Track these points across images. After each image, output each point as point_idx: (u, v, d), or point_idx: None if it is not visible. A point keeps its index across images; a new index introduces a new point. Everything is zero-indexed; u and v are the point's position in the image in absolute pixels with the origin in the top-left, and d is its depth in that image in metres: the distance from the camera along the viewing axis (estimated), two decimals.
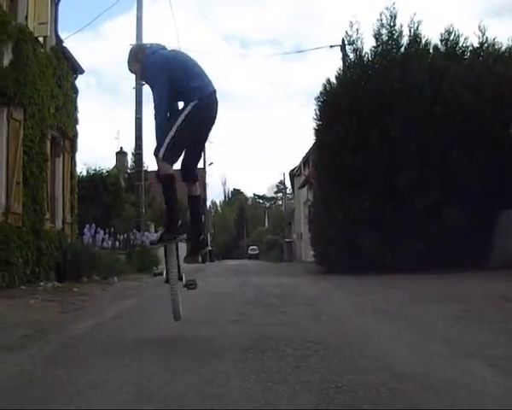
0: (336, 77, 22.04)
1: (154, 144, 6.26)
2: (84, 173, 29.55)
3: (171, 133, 6.12)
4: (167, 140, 6.12)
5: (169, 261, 6.34)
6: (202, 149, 7.27)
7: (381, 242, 18.86)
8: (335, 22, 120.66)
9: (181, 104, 6.33)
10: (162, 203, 39.30)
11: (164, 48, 6.53)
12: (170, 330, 6.82)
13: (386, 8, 21.52)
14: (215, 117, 6.42)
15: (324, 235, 21.23)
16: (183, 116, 6.17)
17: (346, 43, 23.24)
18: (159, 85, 6.24)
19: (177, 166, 6.36)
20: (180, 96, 6.28)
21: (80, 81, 22.43)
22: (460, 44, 20.93)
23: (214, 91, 6.39)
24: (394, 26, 21.36)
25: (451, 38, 20.92)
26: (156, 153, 6.20)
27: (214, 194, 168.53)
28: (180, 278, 6.35)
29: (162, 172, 6.21)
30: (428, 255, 17.52)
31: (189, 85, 6.22)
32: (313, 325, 7.12)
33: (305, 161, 45.54)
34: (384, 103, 19.77)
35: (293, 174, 57.05)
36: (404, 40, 21.30)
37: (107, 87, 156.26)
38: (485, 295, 10.62)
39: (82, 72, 21.46)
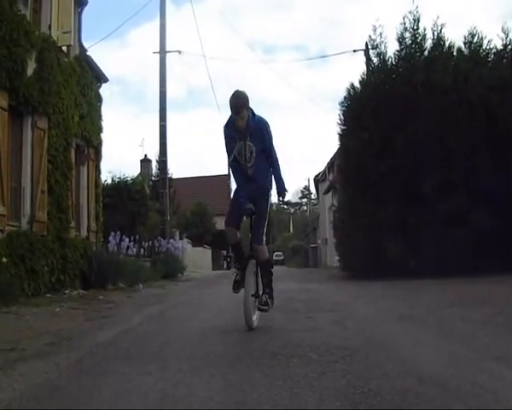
0: (360, 81, 22.02)
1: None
2: (109, 181, 29.69)
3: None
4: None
5: (247, 280, 7.32)
6: None
7: (406, 246, 18.76)
8: (359, 27, 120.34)
9: None
10: (187, 211, 39.52)
11: None
12: (196, 337, 6.83)
13: (410, 12, 21.47)
14: None
15: (349, 240, 21.19)
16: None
17: (369, 47, 23.23)
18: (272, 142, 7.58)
19: None
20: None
21: (104, 89, 22.48)
22: (484, 47, 20.80)
23: None
24: (418, 29, 21.30)
25: (475, 40, 20.79)
26: (261, 243, 7.57)
27: None
28: (257, 297, 7.49)
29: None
30: (453, 259, 17.37)
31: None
32: (339, 330, 7.09)
33: (330, 166, 45.47)
34: (408, 107, 19.68)
35: (318, 180, 56.96)
36: (428, 43, 21.23)
37: (132, 95, 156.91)
38: (511, 298, 10.53)
39: (106, 80, 21.55)
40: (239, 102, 7.11)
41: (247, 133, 7.30)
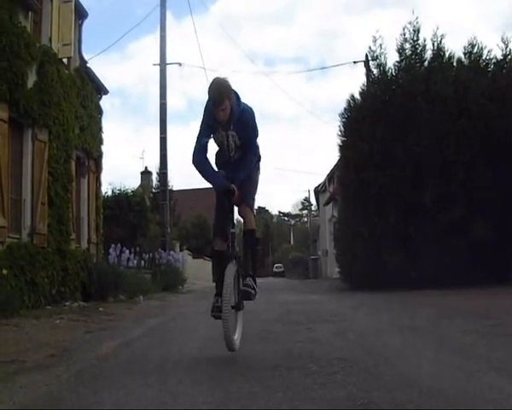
0: (360, 93, 22.06)
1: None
2: (110, 193, 29.77)
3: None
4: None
5: (226, 284, 5.95)
6: None
7: (406, 257, 18.74)
8: (359, 38, 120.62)
9: None
10: (188, 223, 39.45)
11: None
12: (196, 349, 6.82)
13: (410, 23, 21.54)
14: None
15: (349, 251, 21.17)
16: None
17: (369, 58, 23.28)
18: (256, 135, 6.52)
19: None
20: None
21: (105, 101, 22.51)
22: (484, 57, 20.85)
23: None
24: (418, 40, 21.35)
25: (475, 50, 20.87)
26: (251, 206, 6.67)
27: None
28: (237, 309, 6.38)
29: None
30: (453, 271, 17.37)
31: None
32: (339, 341, 7.07)
33: (330, 177, 45.46)
34: (408, 118, 19.70)
35: (318, 191, 56.97)
36: (428, 54, 21.30)
37: (132, 107, 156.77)
38: (510, 309, 10.52)
39: (106, 92, 21.59)
40: (219, 93, 5.87)
41: (231, 123, 6.11)
